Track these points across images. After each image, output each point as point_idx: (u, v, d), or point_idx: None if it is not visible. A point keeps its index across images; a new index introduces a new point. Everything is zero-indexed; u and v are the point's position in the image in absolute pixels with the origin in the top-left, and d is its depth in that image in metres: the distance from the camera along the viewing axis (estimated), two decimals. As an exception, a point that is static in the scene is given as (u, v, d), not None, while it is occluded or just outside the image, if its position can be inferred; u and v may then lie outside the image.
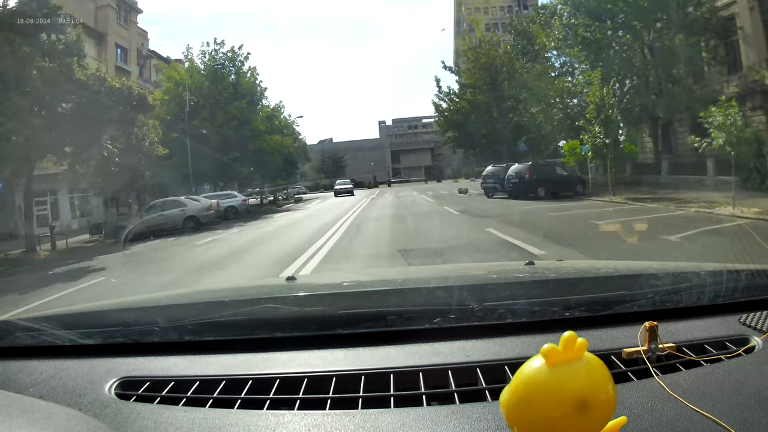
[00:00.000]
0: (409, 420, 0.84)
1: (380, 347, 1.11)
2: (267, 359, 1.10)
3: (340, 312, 1.34)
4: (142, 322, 1.32)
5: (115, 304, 1.67)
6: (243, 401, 0.95)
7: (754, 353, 1.01)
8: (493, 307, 1.21)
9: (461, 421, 0.83)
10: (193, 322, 1.29)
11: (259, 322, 1.28)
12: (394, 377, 0.99)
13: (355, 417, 0.87)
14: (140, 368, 1.10)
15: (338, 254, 9.41)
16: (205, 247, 13.56)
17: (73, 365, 1.13)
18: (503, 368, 0.98)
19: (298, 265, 8.29)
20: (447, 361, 1.02)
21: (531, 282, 1.61)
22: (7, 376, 1.11)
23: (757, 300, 1.22)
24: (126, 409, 0.94)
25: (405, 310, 1.24)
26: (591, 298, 1.29)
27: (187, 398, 0.97)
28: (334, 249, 10.01)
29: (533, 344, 1.06)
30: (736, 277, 1.35)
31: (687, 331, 1.11)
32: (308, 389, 0.97)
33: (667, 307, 1.20)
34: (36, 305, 7.46)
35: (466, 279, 1.75)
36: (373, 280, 2.02)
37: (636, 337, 1.01)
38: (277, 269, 8.19)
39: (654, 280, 1.44)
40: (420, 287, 1.63)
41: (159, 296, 1.95)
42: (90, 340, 1.24)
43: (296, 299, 1.49)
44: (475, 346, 1.08)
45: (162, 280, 8.94)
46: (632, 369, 0.96)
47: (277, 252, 10.78)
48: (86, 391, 1.01)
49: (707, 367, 0.96)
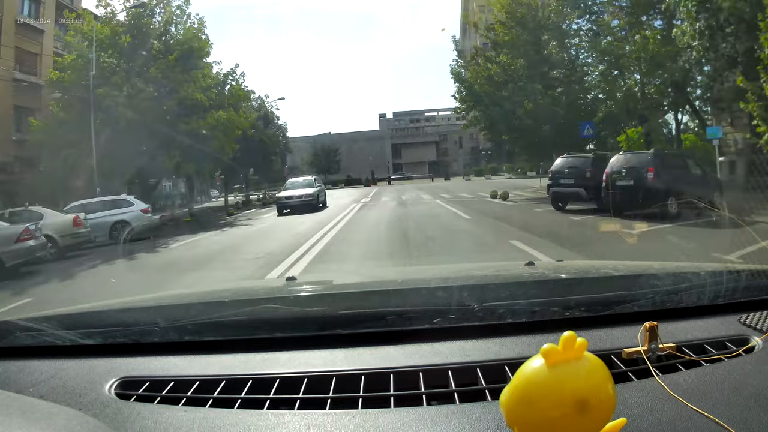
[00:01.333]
0: (409, 420, 0.84)
1: (380, 347, 1.11)
2: (267, 359, 1.10)
3: (340, 312, 1.34)
4: (143, 322, 1.32)
5: (115, 304, 1.67)
6: (243, 401, 0.95)
7: (754, 353, 1.01)
8: (493, 307, 1.21)
9: (461, 421, 0.83)
10: (193, 322, 1.29)
11: (259, 322, 1.28)
12: (394, 377, 0.99)
13: (355, 417, 0.87)
14: (140, 368, 1.10)
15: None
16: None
17: (73, 365, 1.13)
18: (503, 368, 0.98)
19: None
20: (447, 361, 1.02)
21: (531, 282, 1.61)
22: (7, 376, 1.11)
23: (757, 300, 1.22)
24: (126, 409, 0.94)
25: (405, 310, 1.24)
26: (591, 298, 1.29)
27: (187, 398, 0.97)
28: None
29: (533, 344, 1.06)
30: (736, 277, 1.35)
31: (687, 331, 1.11)
32: (308, 389, 0.97)
33: (667, 307, 1.20)
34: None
35: (466, 279, 1.75)
36: (373, 281, 2.02)
37: (636, 337, 1.01)
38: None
39: (654, 280, 1.44)
40: (420, 287, 1.64)
41: (159, 296, 1.95)
42: (90, 340, 1.24)
43: (296, 299, 1.50)
44: (475, 346, 1.08)
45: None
46: (632, 369, 0.96)
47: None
48: (86, 391, 1.01)
49: (707, 367, 0.96)
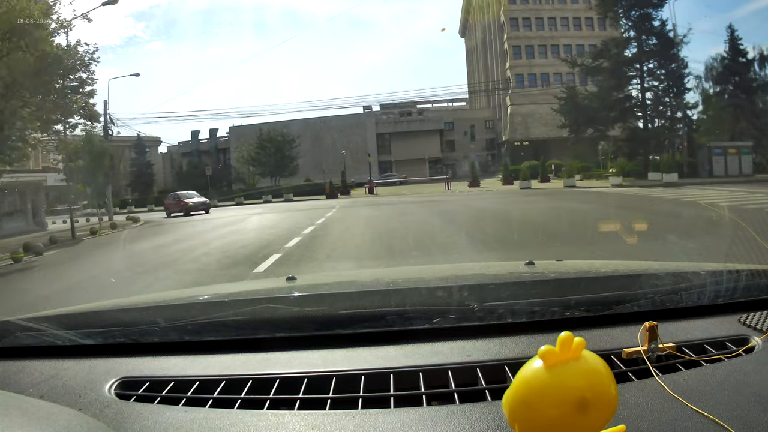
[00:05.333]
0: (409, 420, 0.84)
1: (380, 347, 1.11)
2: (267, 359, 1.10)
3: (340, 312, 1.34)
4: (142, 322, 1.32)
5: (115, 304, 1.67)
6: (243, 401, 0.95)
7: (754, 353, 1.01)
8: (493, 307, 1.21)
9: (461, 421, 0.83)
10: (193, 322, 1.29)
11: (259, 322, 1.28)
12: (394, 377, 0.99)
13: (355, 417, 0.87)
14: (140, 368, 1.10)
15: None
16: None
17: (73, 365, 1.13)
18: (503, 368, 0.98)
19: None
20: (447, 361, 1.02)
21: (531, 282, 1.61)
22: (7, 376, 1.11)
23: (757, 300, 1.22)
24: (126, 409, 0.94)
25: (405, 310, 1.24)
26: (591, 298, 1.30)
27: (187, 398, 0.97)
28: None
29: (533, 344, 1.06)
30: (736, 277, 1.35)
31: (687, 331, 1.11)
32: (308, 389, 0.98)
33: (667, 307, 1.20)
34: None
35: (466, 279, 1.75)
36: (373, 280, 2.02)
37: (636, 337, 1.01)
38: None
39: (654, 280, 1.45)
40: (420, 287, 1.64)
41: (159, 296, 1.95)
42: (90, 340, 1.24)
43: (296, 299, 1.50)
44: (475, 346, 1.09)
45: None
46: (632, 369, 0.96)
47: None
48: (86, 391, 1.01)
49: (707, 367, 0.96)
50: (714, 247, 6.36)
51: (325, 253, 9.46)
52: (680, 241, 7.86)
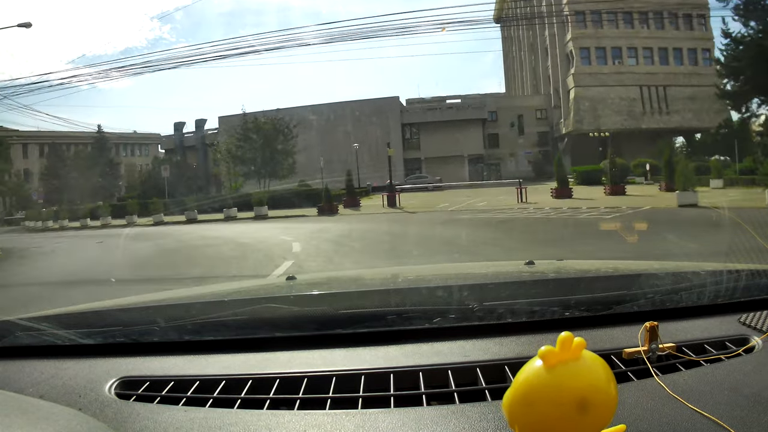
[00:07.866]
0: (409, 420, 0.84)
1: (380, 347, 1.11)
2: (267, 359, 1.10)
3: (340, 312, 1.34)
4: (142, 321, 1.32)
5: (115, 304, 1.67)
6: (243, 401, 0.95)
7: (754, 353, 1.01)
8: (493, 306, 1.21)
9: (461, 421, 0.83)
10: (193, 322, 1.29)
11: (259, 322, 1.28)
12: (394, 377, 0.99)
13: (355, 417, 0.87)
14: (140, 368, 1.10)
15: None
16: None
17: (73, 365, 1.13)
18: (503, 368, 0.98)
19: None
20: (447, 361, 1.02)
21: (531, 282, 1.61)
22: (7, 376, 1.11)
23: (757, 300, 1.22)
24: (126, 408, 0.94)
25: (405, 309, 1.24)
26: (591, 298, 1.29)
27: (187, 398, 0.97)
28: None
29: (533, 344, 1.06)
30: (736, 277, 1.35)
31: (687, 331, 1.11)
32: (308, 389, 0.97)
33: (667, 307, 1.20)
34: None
35: (466, 279, 1.76)
36: (373, 280, 2.02)
37: (636, 337, 1.01)
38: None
39: (654, 280, 1.45)
40: (420, 287, 1.64)
41: (159, 296, 1.95)
42: (90, 339, 1.24)
43: (296, 299, 1.50)
44: (475, 345, 1.09)
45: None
46: (632, 369, 0.96)
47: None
48: (86, 391, 1.01)
49: (707, 367, 0.96)
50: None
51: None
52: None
